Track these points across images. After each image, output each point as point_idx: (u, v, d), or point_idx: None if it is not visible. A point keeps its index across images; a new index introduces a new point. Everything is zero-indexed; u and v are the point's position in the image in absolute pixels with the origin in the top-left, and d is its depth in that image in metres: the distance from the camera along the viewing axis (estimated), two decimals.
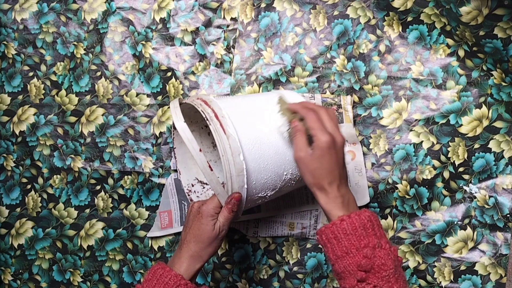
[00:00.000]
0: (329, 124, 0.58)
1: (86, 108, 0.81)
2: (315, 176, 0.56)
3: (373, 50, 0.75)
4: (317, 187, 0.57)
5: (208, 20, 0.78)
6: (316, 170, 0.56)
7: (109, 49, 0.80)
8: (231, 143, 0.57)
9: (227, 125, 0.58)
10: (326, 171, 0.56)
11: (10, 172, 0.83)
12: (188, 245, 0.61)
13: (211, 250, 0.61)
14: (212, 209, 0.60)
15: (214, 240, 0.60)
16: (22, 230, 0.83)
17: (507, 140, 0.73)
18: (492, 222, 0.73)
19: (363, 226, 0.54)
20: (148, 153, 0.80)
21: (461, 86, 0.73)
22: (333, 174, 0.56)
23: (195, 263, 0.60)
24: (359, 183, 0.74)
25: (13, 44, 0.82)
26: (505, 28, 0.68)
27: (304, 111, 0.59)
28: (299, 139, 0.58)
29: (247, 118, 0.61)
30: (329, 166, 0.56)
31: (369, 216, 0.54)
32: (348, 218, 0.54)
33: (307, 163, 0.57)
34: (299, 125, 0.58)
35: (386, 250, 0.53)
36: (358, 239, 0.53)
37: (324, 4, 0.76)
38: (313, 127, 0.57)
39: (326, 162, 0.56)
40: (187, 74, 0.79)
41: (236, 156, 0.57)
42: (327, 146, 0.56)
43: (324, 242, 0.55)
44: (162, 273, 0.58)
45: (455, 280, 0.74)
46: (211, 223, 0.60)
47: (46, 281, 0.83)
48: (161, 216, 0.79)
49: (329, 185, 0.56)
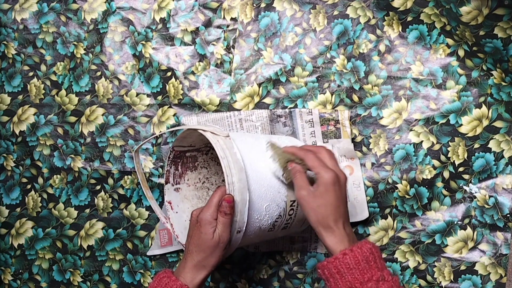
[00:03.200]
0: (330, 162, 0.58)
1: (86, 108, 0.81)
2: (320, 213, 0.55)
3: (373, 50, 0.75)
4: (323, 226, 0.55)
5: (208, 20, 0.78)
6: (321, 207, 0.55)
7: (109, 49, 0.80)
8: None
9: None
10: (331, 208, 0.55)
11: (10, 172, 0.83)
12: (191, 255, 0.60)
13: (214, 260, 0.59)
14: (209, 215, 0.58)
15: (215, 248, 0.59)
16: (22, 230, 0.83)
17: (507, 140, 0.73)
18: (492, 222, 0.73)
19: (365, 259, 0.53)
20: (148, 153, 0.80)
21: (461, 86, 0.73)
22: (338, 211, 0.55)
23: (199, 273, 0.59)
24: (358, 197, 0.74)
25: (13, 44, 0.82)
26: (505, 28, 0.68)
27: (302, 153, 0.59)
28: (300, 178, 0.57)
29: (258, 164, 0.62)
30: (335, 202, 0.55)
31: (370, 248, 0.54)
32: (351, 252, 0.53)
33: (310, 201, 0.56)
34: (297, 166, 0.58)
35: (389, 283, 0.52)
36: (362, 273, 0.52)
37: (324, 4, 0.76)
38: (314, 166, 0.56)
39: (331, 198, 0.55)
40: (187, 74, 0.79)
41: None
42: (332, 182, 0.55)
43: (326, 276, 0.54)
44: (168, 282, 0.58)
45: (455, 280, 0.73)
46: (210, 231, 0.58)
47: (46, 281, 0.83)
48: (160, 234, 0.79)
49: (335, 223, 0.55)
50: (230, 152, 0.60)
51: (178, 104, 0.79)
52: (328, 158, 0.59)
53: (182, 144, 0.71)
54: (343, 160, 0.75)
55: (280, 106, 0.76)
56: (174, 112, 0.79)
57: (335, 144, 0.75)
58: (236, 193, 0.58)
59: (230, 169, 0.59)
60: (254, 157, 0.62)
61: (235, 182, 0.58)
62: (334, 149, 0.75)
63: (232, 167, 0.59)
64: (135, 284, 0.81)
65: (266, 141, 0.64)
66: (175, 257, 0.80)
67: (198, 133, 0.65)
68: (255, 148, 0.64)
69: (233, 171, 0.59)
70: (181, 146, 0.71)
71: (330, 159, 0.59)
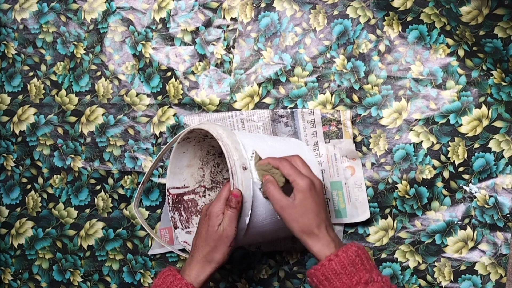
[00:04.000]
0: (304, 169, 0.59)
1: (86, 108, 0.81)
2: (302, 222, 0.56)
3: (373, 50, 0.75)
4: (307, 234, 0.56)
5: (208, 20, 0.78)
6: (302, 215, 0.55)
7: (109, 49, 0.80)
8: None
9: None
10: (312, 214, 0.56)
11: (10, 172, 0.83)
12: (198, 250, 0.60)
13: (219, 256, 0.59)
14: (218, 209, 0.59)
15: (219, 242, 0.58)
16: (22, 230, 0.83)
17: (507, 140, 0.73)
18: (492, 222, 0.73)
19: (351, 262, 0.53)
20: (148, 153, 0.80)
21: (461, 86, 0.73)
22: (320, 216, 0.56)
23: (204, 269, 0.59)
24: (359, 198, 0.74)
25: (13, 44, 0.82)
26: (505, 27, 0.68)
27: (276, 161, 0.59)
28: (273, 190, 0.57)
29: None
30: (315, 208, 0.56)
31: (356, 250, 0.54)
32: (336, 257, 0.53)
33: (290, 212, 0.56)
34: (269, 177, 0.59)
35: (379, 283, 0.53)
36: (349, 277, 0.53)
37: (323, 4, 0.76)
38: (290, 174, 0.57)
39: (311, 205, 0.56)
40: (187, 74, 0.79)
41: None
42: (308, 188, 0.56)
43: (316, 284, 0.55)
44: (173, 280, 0.58)
45: (455, 280, 0.73)
46: (216, 223, 0.59)
47: (46, 281, 0.83)
48: (161, 233, 0.79)
49: (318, 228, 0.55)
50: (235, 145, 0.60)
51: (178, 104, 0.79)
52: (301, 165, 0.60)
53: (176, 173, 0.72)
54: (344, 161, 0.75)
55: (280, 106, 0.76)
56: (174, 112, 0.79)
57: (336, 144, 0.75)
58: (241, 187, 0.59)
59: (234, 162, 0.59)
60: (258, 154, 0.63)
61: (238, 173, 0.59)
62: (336, 149, 0.75)
63: (235, 159, 0.59)
64: (135, 284, 0.81)
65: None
66: (175, 257, 0.80)
67: (192, 145, 0.68)
68: (259, 144, 0.64)
69: (237, 164, 0.59)
70: (176, 187, 0.72)
71: (303, 166, 0.60)
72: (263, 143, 0.66)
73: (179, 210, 0.72)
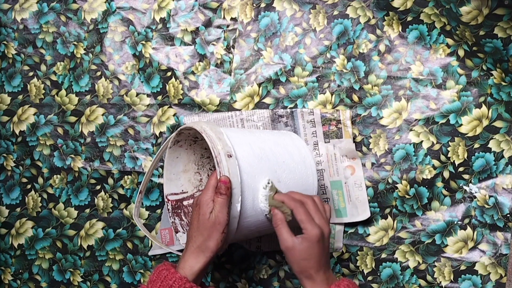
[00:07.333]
0: (317, 215, 0.60)
1: (86, 108, 0.81)
2: (303, 265, 0.58)
3: (373, 50, 0.75)
4: (305, 276, 0.59)
5: (208, 20, 0.78)
6: (304, 260, 0.58)
7: (109, 49, 0.80)
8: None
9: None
10: (314, 261, 0.58)
11: (10, 172, 0.83)
12: (191, 241, 0.60)
13: (213, 244, 0.59)
14: (207, 197, 0.59)
15: (212, 229, 0.58)
16: (22, 230, 0.83)
17: (507, 140, 0.73)
18: (492, 222, 0.73)
19: None
20: (148, 153, 0.80)
21: (461, 85, 0.73)
22: (320, 263, 0.59)
23: (198, 259, 0.59)
24: (360, 197, 0.74)
25: (13, 44, 0.82)
26: (505, 27, 0.68)
27: (292, 204, 0.61)
28: (282, 230, 0.59)
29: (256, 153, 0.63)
30: (318, 255, 0.58)
31: (347, 284, 0.57)
32: None
33: (295, 254, 0.58)
34: (279, 214, 0.60)
35: None
36: None
37: (323, 4, 0.76)
38: (302, 220, 0.59)
39: (315, 254, 0.58)
40: (187, 74, 0.79)
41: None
42: (317, 239, 0.58)
43: None
44: (167, 274, 0.58)
45: (455, 280, 0.73)
46: (207, 211, 0.59)
47: (46, 281, 0.83)
48: (162, 233, 0.79)
49: (316, 273, 0.58)
50: (218, 135, 0.61)
51: (178, 104, 0.79)
52: (314, 211, 0.61)
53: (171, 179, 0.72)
54: (344, 160, 0.75)
55: (280, 106, 0.76)
56: (174, 112, 0.79)
57: (336, 144, 0.75)
58: (228, 174, 0.59)
59: (219, 151, 0.60)
60: (243, 142, 0.63)
61: (223, 161, 0.59)
62: (335, 149, 0.75)
63: (220, 148, 0.60)
64: (135, 284, 0.81)
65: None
66: (175, 257, 0.80)
67: (184, 149, 0.68)
68: (248, 137, 0.65)
69: (221, 153, 0.59)
70: (174, 194, 0.72)
71: (316, 212, 0.61)
72: (251, 135, 0.66)
73: (179, 215, 0.72)
